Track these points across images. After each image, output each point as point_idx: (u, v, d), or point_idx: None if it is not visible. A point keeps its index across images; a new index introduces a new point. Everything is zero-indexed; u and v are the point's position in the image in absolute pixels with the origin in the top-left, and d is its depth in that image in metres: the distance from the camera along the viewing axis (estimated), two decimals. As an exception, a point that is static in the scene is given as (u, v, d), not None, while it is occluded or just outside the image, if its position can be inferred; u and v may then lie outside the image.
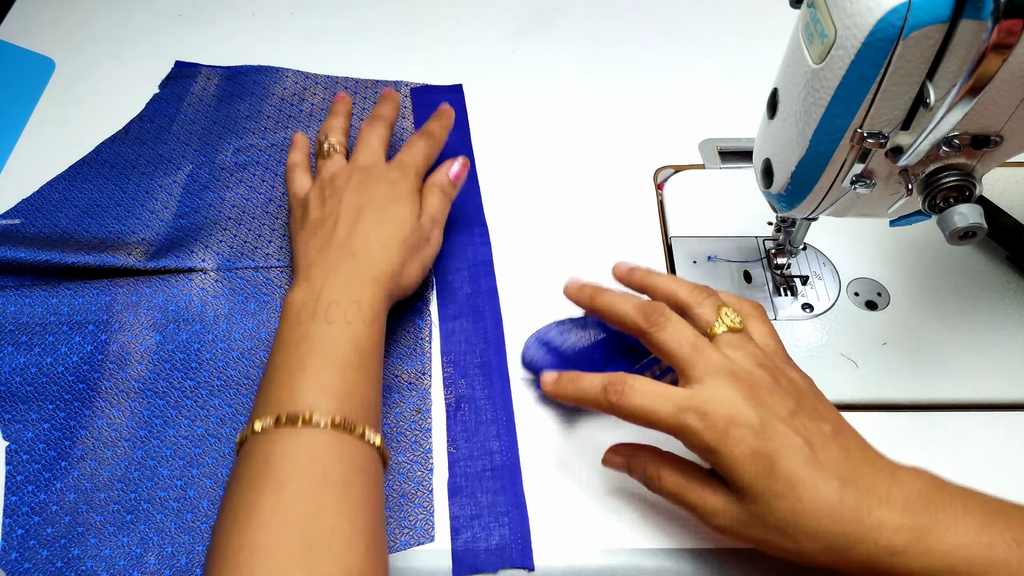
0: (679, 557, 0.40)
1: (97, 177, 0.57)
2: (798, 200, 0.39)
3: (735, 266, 0.51)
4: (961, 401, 0.45)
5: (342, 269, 0.42)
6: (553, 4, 0.71)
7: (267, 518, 0.33)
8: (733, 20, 0.68)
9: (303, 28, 0.69)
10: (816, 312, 0.49)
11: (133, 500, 0.43)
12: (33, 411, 0.46)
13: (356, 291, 0.41)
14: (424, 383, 0.47)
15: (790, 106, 0.36)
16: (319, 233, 0.44)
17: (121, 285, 0.49)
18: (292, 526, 0.32)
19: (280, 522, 0.32)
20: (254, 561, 0.31)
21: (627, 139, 0.60)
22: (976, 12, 0.28)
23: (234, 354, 0.48)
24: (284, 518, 0.32)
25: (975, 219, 0.34)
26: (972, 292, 0.50)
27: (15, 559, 0.41)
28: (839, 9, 0.31)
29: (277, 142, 0.59)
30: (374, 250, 0.43)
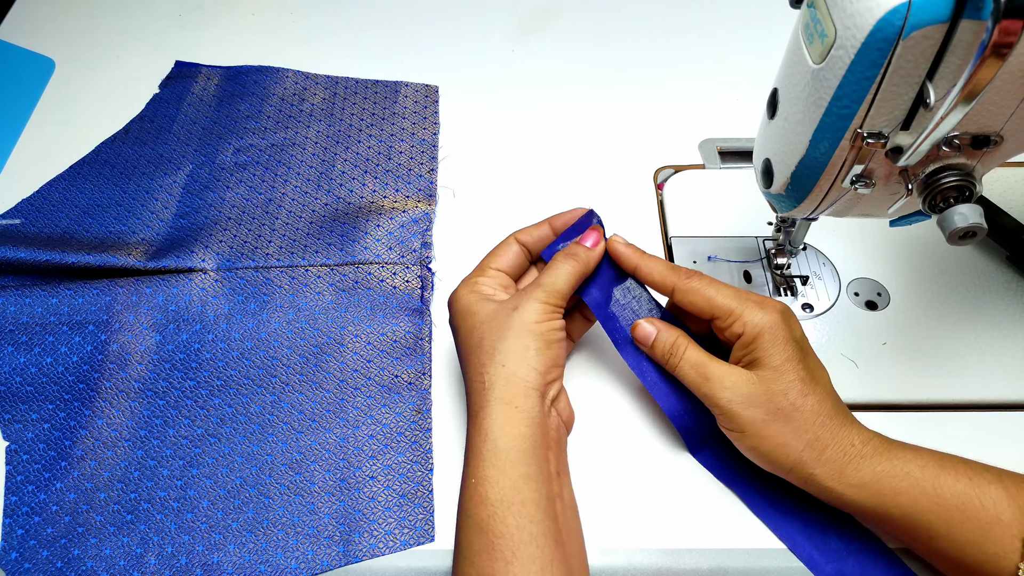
0: (679, 557, 0.40)
1: (97, 177, 0.57)
2: (798, 200, 0.39)
3: (735, 266, 0.51)
4: (961, 401, 0.45)
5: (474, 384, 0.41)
6: (553, 4, 0.71)
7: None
8: (733, 20, 0.68)
9: (303, 28, 0.69)
10: (816, 312, 0.49)
11: (133, 500, 0.43)
12: (33, 411, 0.46)
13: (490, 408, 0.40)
14: (424, 383, 0.47)
15: (790, 106, 0.36)
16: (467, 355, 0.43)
17: (121, 285, 0.49)
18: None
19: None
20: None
21: (627, 139, 0.60)
22: (976, 12, 0.28)
23: (234, 354, 0.48)
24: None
25: (975, 219, 0.34)
26: (972, 292, 0.50)
27: (15, 559, 0.41)
28: (839, 9, 0.31)
29: (277, 142, 0.59)
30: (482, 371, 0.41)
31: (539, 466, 0.37)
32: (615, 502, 0.42)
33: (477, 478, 0.36)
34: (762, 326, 0.38)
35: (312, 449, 0.44)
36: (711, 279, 0.40)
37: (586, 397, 0.46)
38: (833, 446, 0.37)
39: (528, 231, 0.45)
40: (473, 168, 0.58)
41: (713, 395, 0.38)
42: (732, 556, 0.40)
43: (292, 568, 0.41)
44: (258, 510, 0.42)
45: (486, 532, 0.35)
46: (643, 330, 0.42)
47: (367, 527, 0.42)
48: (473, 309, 0.41)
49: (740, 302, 0.39)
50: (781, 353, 0.38)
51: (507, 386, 0.38)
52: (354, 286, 0.50)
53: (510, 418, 0.37)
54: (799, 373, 0.37)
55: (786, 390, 0.37)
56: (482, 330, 0.40)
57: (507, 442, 0.37)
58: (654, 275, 0.42)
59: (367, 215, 0.54)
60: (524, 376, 0.38)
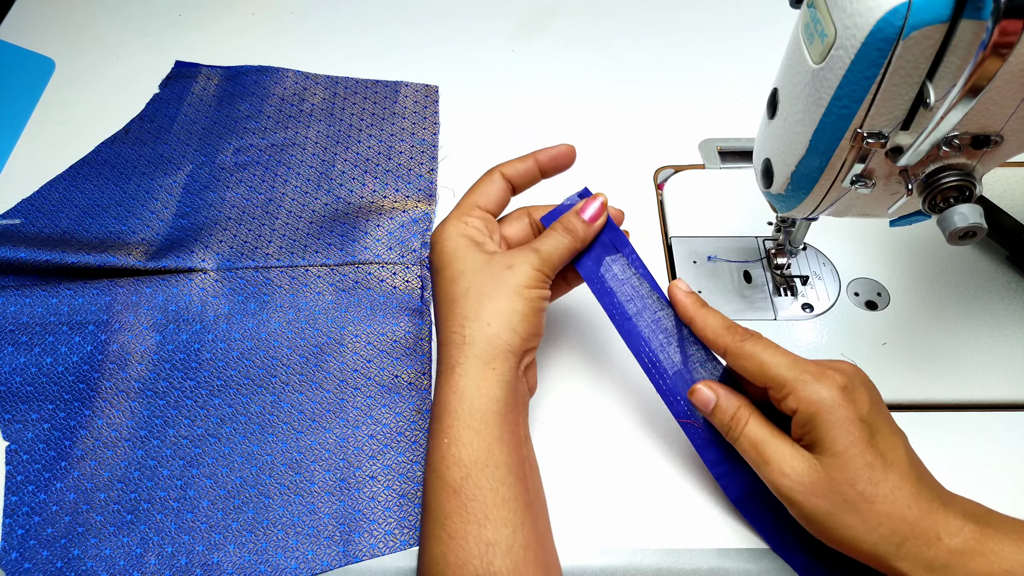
0: (679, 557, 0.40)
1: (97, 177, 0.57)
2: (798, 200, 0.39)
3: (735, 266, 0.51)
4: (961, 401, 0.45)
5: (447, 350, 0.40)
6: (553, 5, 0.71)
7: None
8: (733, 20, 0.68)
9: (303, 28, 0.69)
10: (816, 312, 0.49)
11: (133, 500, 0.43)
12: (33, 411, 0.46)
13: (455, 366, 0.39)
14: (424, 383, 0.47)
15: (790, 106, 0.36)
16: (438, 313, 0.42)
17: (121, 285, 0.49)
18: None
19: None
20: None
21: (627, 139, 0.60)
22: (976, 12, 0.28)
23: (234, 354, 0.48)
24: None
25: (975, 219, 0.34)
26: (972, 292, 0.50)
27: (15, 559, 0.41)
28: (839, 9, 0.31)
29: (277, 142, 0.59)
30: (456, 312, 0.40)
31: (511, 430, 0.37)
32: (615, 502, 0.42)
33: (450, 438, 0.35)
34: (818, 404, 0.34)
35: (312, 449, 0.44)
36: (768, 343, 0.37)
37: (586, 396, 0.46)
38: (913, 540, 0.32)
39: (513, 165, 0.43)
40: (473, 168, 0.58)
41: (772, 481, 0.35)
42: (732, 556, 0.40)
43: (292, 568, 0.41)
44: (258, 510, 0.42)
45: (459, 494, 0.35)
46: (702, 395, 0.38)
47: (367, 527, 0.42)
48: (462, 254, 0.39)
49: (795, 374, 0.35)
50: (843, 437, 0.33)
51: (488, 346, 0.37)
52: (354, 286, 0.50)
53: (486, 379, 0.37)
54: (866, 459, 0.33)
55: (852, 480, 0.33)
56: (470, 281, 0.38)
57: (482, 403, 0.36)
58: (707, 332, 0.38)
59: (367, 215, 0.54)
60: (507, 339, 0.37)
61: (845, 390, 0.34)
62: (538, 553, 0.35)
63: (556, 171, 0.43)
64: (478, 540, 0.34)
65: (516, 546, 0.34)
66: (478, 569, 0.33)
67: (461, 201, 0.42)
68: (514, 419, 0.37)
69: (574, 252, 0.40)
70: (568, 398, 0.46)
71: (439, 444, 0.36)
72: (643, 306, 0.41)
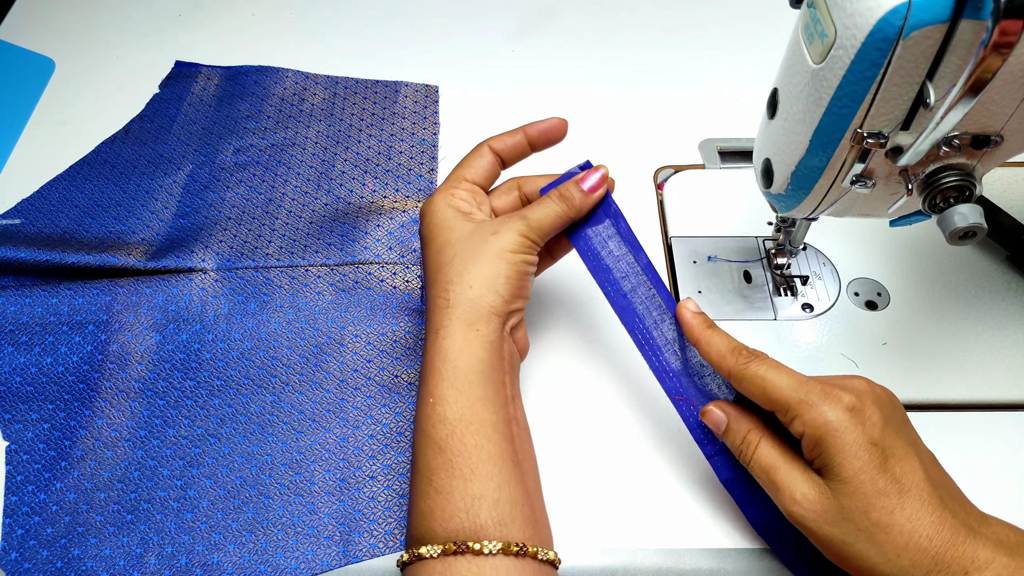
0: (679, 557, 0.40)
1: (97, 177, 0.57)
2: (798, 200, 0.39)
3: (735, 266, 0.51)
4: (961, 401, 0.45)
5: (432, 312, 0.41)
6: (553, 4, 0.71)
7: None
8: (733, 20, 0.68)
9: (303, 28, 0.69)
10: (816, 312, 0.49)
11: (133, 500, 0.43)
12: (33, 411, 0.46)
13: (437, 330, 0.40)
14: (424, 383, 0.47)
15: (790, 106, 0.36)
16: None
17: (121, 285, 0.49)
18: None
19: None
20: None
21: (627, 139, 0.60)
22: (976, 12, 0.28)
23: (234, 354, 0.48)
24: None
25: (975, 219, 0.34)
26: (972, 292, 0.50)
27: (15, 559, 0.41)
28: (839, 9, 0.31)
29: (277, 142, 0.59)
30: (442, 275, 0.41)
31: (496, 389, 0.37)
32: (615, 502, 0.42)
33: (435, 397, 0.36)
34: (824, 428, 0.32)
35: (312, 449, 0.44)
36: (773, 364, 0.35)
37: (586, 396, 0.46)
38: (937, 574, 0.30)
39: (502, 139, 0.43)
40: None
41: (784, 507, 0.34)
42: (732, 556, 0.40)
43: (292, 568, 0.41)
44: (258, 510, 0.42)
45: (444, 451, 0.35)
46: (713, 417, 0.37)
47: (367, 527, 0.42)
48: (450, 224, 0.40)
49: (800, 396, 0.33)
50: (852, 462, 0.32)
51: (470, 308, 0.37)
52: (354, 286, 0.50)
53: (470, 340, 0.37)
54: (878, 485, 0.31)
55: (865, 508, 0.31)
56: (456, 248, 0.39)
57: (466, 363, 0.36)
58: (712, 354, 0.37)
59: (367, 215, 0.54)
60: (489, 301, 0.38)
61: (853, 411, 0.33)
62: (525, 509, 0.35)
63: (546, 145, 0.44)
64: (464, 494, 0.34)
65: (502, 500, 0.34)
66: (463, 522, 0.33)
67: (450, 175, 0.43)
68: (499, 379, 0.37)
69: (567, 221, 0.41)
70: (569, 398, 0.46)
71: (425, 404, 0.36)
72: (638, 282, 0.41)
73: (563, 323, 0.50)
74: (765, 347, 0.47)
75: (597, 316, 0.50)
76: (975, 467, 0.43)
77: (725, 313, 0.49)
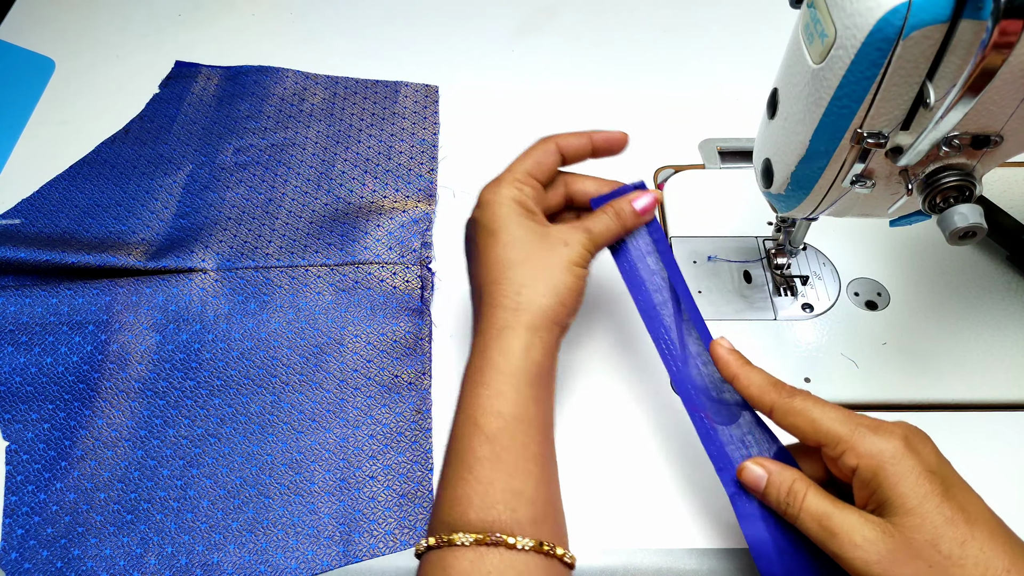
0: (679, 557, 0.40)
1: (97, 177, 0.57)
2: (798, 200, 0.39)
3: (735, 266, 0.51)
4: (961, 401, 0.45)
5: (486, 315, 0.40)
6: (553, 4, 0.71)
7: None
8: (733, 20, 0.68)
9: (303, 28, 0.69)
10: (816, 312, 0.49)
11: (133, 500, 0.43)
12: (33, 411, 0.46)
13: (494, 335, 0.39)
14: (424, 383, 0.47)
15: (790, 106, 0.36)
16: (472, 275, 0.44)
17: (121, 285, 0.49)
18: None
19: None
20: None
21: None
22: (976, 12, 0.28)
23: (234, 354, 0.48)
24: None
25: (975, 219, 0.34)
26: (972, 292, 0.50)
27: (15, 559, 0.41)
28: (839, 9, 0.31)
29: (277, 142, 0.59)
30: (497, 276, 0.41)
31: (547, 393, 0.38)
32: (615, 502, 0.42)
33: (493, 391, 0.36)
34: (880, 457, 0.31)
35: (312, 449, 0.44)
36: (818, 400, 0.34)
37: (587, 395, 0.46)
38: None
39: (569, 140, 0.44)
40: (473, 168, 0.58)
41: (844, 555, 0.31)
42: (732, 556, 0.40)
43: (292, 568, 0.41)
44: (258, 510, 0.42)
45: (494, 442, 0.35)
46: (751, 474, 0.35)
47: (367, 527, 0.42)
48: (517, 220, 0.40)
49: (851, 428, 0.32)
50: (915, 491, 0.30)
51: (539, 315, 0.38)
52: (354, 286, 0.50)
53: (533, 345, 0.38)
54: (944, 514, 0.30)
55: (934, 541, 0.29)
56: (527, 251, 0.39)
57: (527, 366, 0.37)
58: (752, 390, 0.36)
59: (367, 215, 0.54)
60: (556, 311, 0.38)
61: (907, 440, 0.31)
62: (556, 511, 0.36)
63: (608, 154, 0.45)
64: (505, 488, 0.34)
65: (539, 500, 0.35)
66: (501, 514, 0.34)
67: (514, 165, 0.43)
68: (549, 384, 0.39)
69: (616, 237, 0.42)
70: (571, 398, 0.46)
71: (479, 394, 0.37)
72: (668, 297, 0.42)
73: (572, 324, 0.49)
74: (765, 347, 0.47)
75: (599, 317, 0.50)
76: (975, 467, 0.43)
77: (725, 313, 0.49)
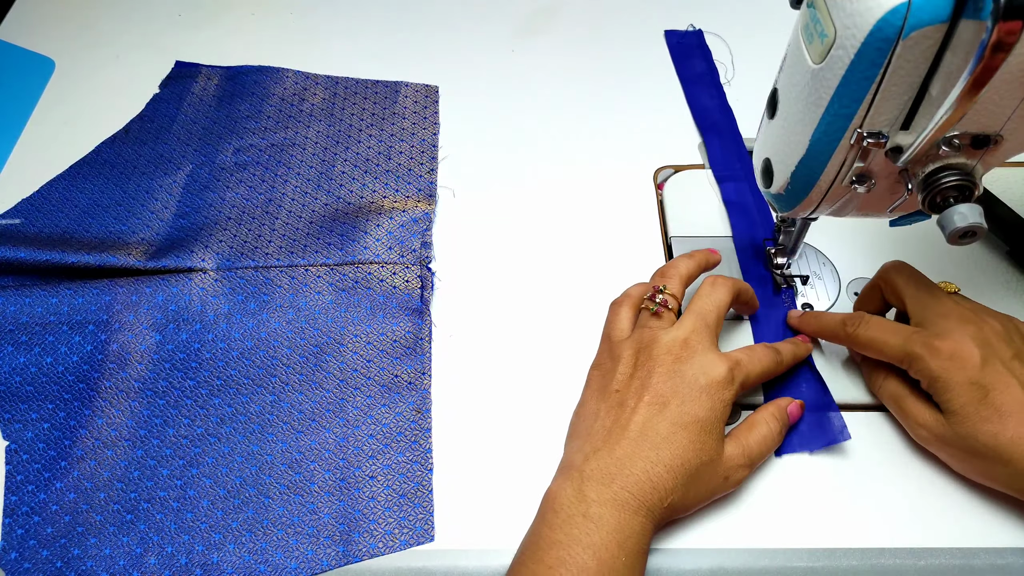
0: (679, 557, 0.40)
1: (97, 177, 0.57)
2: (798, 200, 0.39)
3: (736, 266, 0.51)
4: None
5: (619, 479, 0.37)
6: (552, 5, 0.71)
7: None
8: (732, 20, 0.68)
9: (303, 28, 0.69)
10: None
11: (133, 500, 0.43)
12: (33, 411, 0.46)
13: (626, 517, 0.36)
14: (424, 383, 0.47)
15: (790, 106, 0.36)
16: (612, 412, 0.40)
17: (121, 285, 0.49)
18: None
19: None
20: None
21: (627, 139, 0.60)
22: (976, 12, 0.28)
23: (234, 354, 0.48)
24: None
25: (975, 219, 0.34)
26: (972, 292, 0.49)
27: (15, 559, 0.41)
28: (839, 9, 0.31)
29: (277, 142, 0.59)
30: (659, 471, 0.37)
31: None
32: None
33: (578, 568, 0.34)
34: (934, 373, 0.38)
35: (312, 449, 0.44)
36: (879, 324, 0.41)
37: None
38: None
39: (750, 293, 0.46)
40: (473, 168, 0.58)
41: (911, 430, 0.42)
42: (732, 556, 0.40)
43: (292, 568, 0.41)
44: (258, 510, 0.42)
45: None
46: (856, 358, 0.46)
47: (367, 527, 0.42)
48: (712, 430, 0.38)
49: (907, 350, 0.39)
50: (956, 399, 0.38)
51: (659, 516, 0.37)
52: (354, 286, 0.50)
53: (637, 536, 0.36)
54: (981, 415, 0.37)
55: (973, 434, 0.37)
56: (697, 465, 0.38)
57: (621, 553, 0.35)
58: (826, 333, 0.45)
59: (367, 215, 0.54)
60: (667, 517, 0.39)
61: (952, 358, 0.38)
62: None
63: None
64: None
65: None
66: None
67: (739, 360, 0.41)
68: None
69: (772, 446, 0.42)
70: (573, 396, 0.46)
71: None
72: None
73: (570, 324, 0.50)
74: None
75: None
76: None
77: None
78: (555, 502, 0.37)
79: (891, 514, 0.41)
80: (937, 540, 0.40)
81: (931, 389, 0.39)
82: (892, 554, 0.40)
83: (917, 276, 0.42)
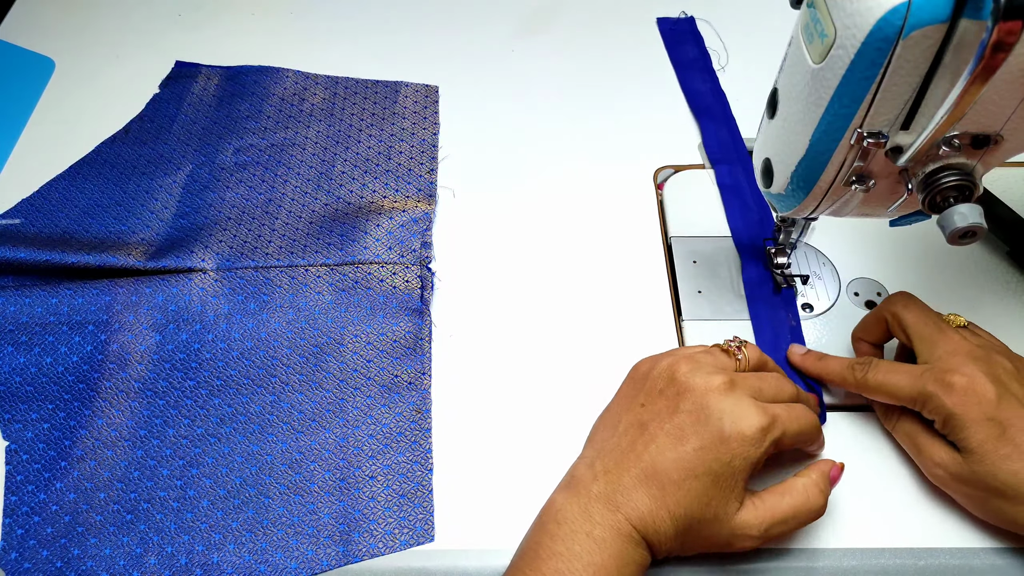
0: (678, 556, 0.40)
1: (97, 177, 0.57)
2: (798, 200, 0.39)
3: (735, 266, 0.51)
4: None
5: (623, 509, 0.36)
6: (552, 4, 0.71)
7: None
8: (732, 20, 0.68)
9: (303, 28, 0.69)
10: (816, 312, 0.49)
11: (133, 500, 0.43)
12: (33, 411, 0.46)
13: (629, 548, 0.35)
14: (424, 383, 0.47)
15: (790, 106, 0.36)
16: (631, 432, 0.38)
17: (121, 285, 0.49)
18: None
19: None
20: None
21: (627, 139, 0.60)
22: (976, 12, 0.28)
23: (234, 354, 0.48)
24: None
25: (975, 219, 0.34)
26: (972, 292, 0.50)
27: (15, 559, 0.41)
28: (839, 9, 0.31)
29: (277, 142, 0.59)
30: (662, 514, 0.36)
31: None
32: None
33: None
34: (946, 415, 0.38)
35: (312, 449, 0.44)
36: (887, 367, 0.40)
37: (587, 393, 0.46)
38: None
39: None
40: (473, 168, 0.58)
41: (926, 469, 0.41)
42: (732, 556, 0.40)
43: (292, 568, 0.41)
44: (258, 510, 0.42)
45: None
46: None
47: (367, 527, 0.42)
48: (744, 472, 0.36)
49: (920, 389, 0.38)
50: (973, 436, 0.37)
51: (661, 548, 0.36)
52: (354, 286, 0.50)
53: (635, 566, 0.35)
54: (1000, 453, 0.36)
55: (992, 472, 0.37)
56: (721, 511, 0.36)
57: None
58: (833, 378, 0.43)
59: (367, 215, 0.54)
60: (664, 552, 0.37)
61: (967, 393, 0.37)
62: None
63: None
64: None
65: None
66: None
67: (776, 417, 0.37)
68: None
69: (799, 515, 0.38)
70: (574, 396, 0.46)
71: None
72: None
73: (570, 324, 0.50)
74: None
75: (606, 320, 0.50)
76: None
77: (725, 313, 0.49)
78: (559, 515, 0.36)
79: (891, 514, 0.41)
80: (937, 540, 0.40)
81: (946, 428, 0.38)
82: (892, 554, 0.40)
83: (925, 312, 0.41)
